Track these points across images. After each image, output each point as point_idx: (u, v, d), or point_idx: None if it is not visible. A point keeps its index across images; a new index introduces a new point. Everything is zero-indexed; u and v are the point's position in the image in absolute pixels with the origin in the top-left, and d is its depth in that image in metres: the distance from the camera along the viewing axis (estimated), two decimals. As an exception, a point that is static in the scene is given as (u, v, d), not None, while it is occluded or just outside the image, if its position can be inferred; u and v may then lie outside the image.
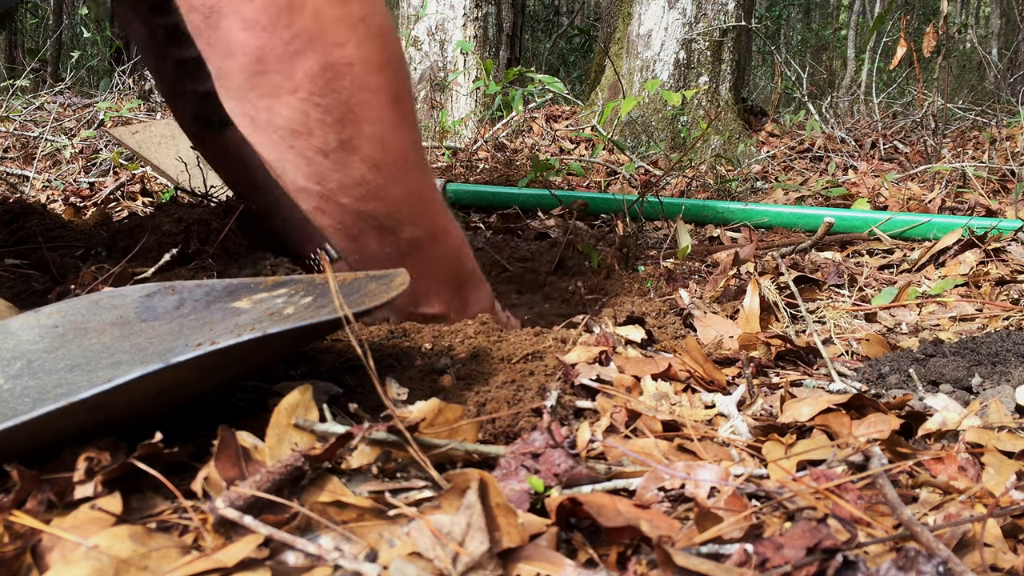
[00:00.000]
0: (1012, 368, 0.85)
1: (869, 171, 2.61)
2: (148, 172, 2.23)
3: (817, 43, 9.37)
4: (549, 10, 8.31)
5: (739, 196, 2.30)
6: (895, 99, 4.43)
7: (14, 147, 2.72)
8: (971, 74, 6.58)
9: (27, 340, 0.74)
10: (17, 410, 0.64)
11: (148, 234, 1.20)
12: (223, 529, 0.48)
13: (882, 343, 1.02)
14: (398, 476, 0.57)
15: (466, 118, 3.31)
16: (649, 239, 1.74)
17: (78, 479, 0.51)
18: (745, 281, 1.26)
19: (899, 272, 1.51)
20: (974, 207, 1.95)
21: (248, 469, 0.54)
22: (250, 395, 0.69)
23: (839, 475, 0.57)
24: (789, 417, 0.73)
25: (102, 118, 2.90)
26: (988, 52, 6.53)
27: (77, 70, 4.58)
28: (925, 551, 0.44)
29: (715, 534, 0.51)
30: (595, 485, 0.57)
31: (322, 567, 0.46)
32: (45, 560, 0.46)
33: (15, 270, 1.17)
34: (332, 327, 0.65)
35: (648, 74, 3.15)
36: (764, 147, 3.15)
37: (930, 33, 2.68)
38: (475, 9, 3.38)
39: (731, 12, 3.12)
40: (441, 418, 0.61)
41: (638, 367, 0.83)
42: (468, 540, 0.46)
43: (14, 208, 1.47)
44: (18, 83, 3.24)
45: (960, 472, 0.63)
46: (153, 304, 0.78)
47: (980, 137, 3.23)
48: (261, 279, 0.78)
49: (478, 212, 2.04)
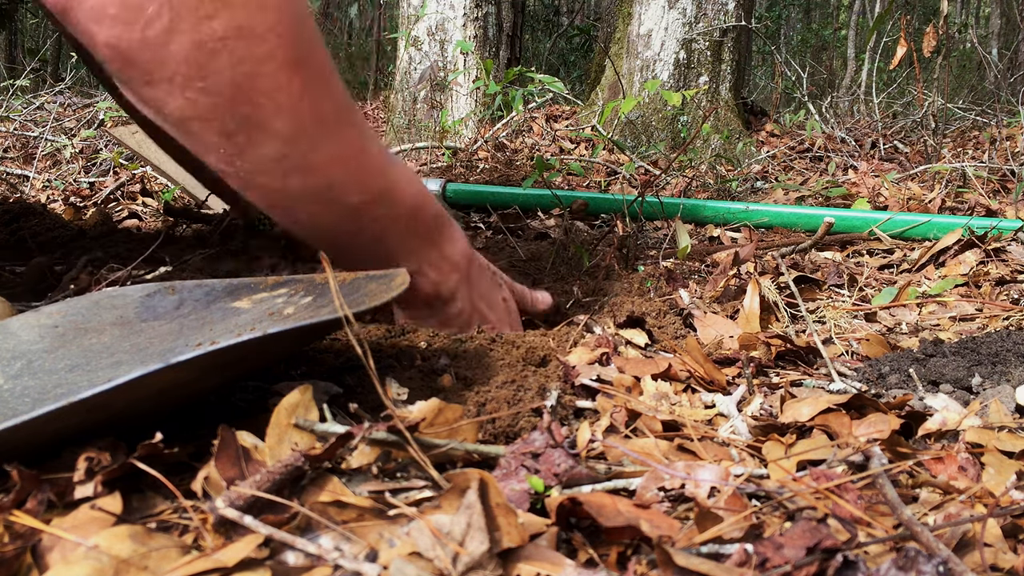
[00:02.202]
0: (1012, 368, 0.85)
1: (869, 171, 2.61)
2: (148, 172, 2.23)
3: (817, 43, 9.37)
4: (549, 10, 8.31)
5: (739, 196, 2.30)
6: (895, 99, 4.43)
7: (14, 147, 2.72)
8: (971, 74, 6.58)
9: (27, 340, 0.74)
10: (17, 410, 0.64)
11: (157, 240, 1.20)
12: (223, 529, 0.48)
13: (882, 343, 1.02)
14: (398, 476, 0.57)
15: (466, 118, 3.31)
16: (649, 239, 1.74)
17: (78, 479, 0.51)
18: (745, 281, 1.26)
19: (899, 272, 1.51)
20: (974, 207, 1.95)
21: (248, 469, 0.54)
22: (250, 395, 0.69)
23: (839, 475, 0.57)
24: (789, 417, 0.73)
25: (102, 118, 2.90)
26: (988, 52, 6.53)
27: (77, 70, 4.58)
28: (925, 551, 0.44)
29: (715, 534, 0.51)
30: (595, 485, 0.57)
31: (322, 567, 0.46)
32: (45, 560, 0.46)
33: (15, 271, 1.17)
34: (332, 327, 0.65)
35: (648, 74, 3.15)
36: (764, 147, 3.15)
37: (930, 33, 2.68)
38: (475, 9, 3.38)
39: (731, 12, 3.12)
40: (441, 418, 0.61)
41: (638, 367, 0.83)
42: (468, 540, 0.46)
43: (14, 208, 1.47)
44: (18, 83, 3.24)
45: (960, 472, 0.63)
46: (153, 304, 0.78)
47: (980, 137, 3.23)
48: (261, 279, 0.78)
49: (478, 212, 2.04)
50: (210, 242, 1.37)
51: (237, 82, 0.67)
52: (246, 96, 0.68)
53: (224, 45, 0.65)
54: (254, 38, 0.67)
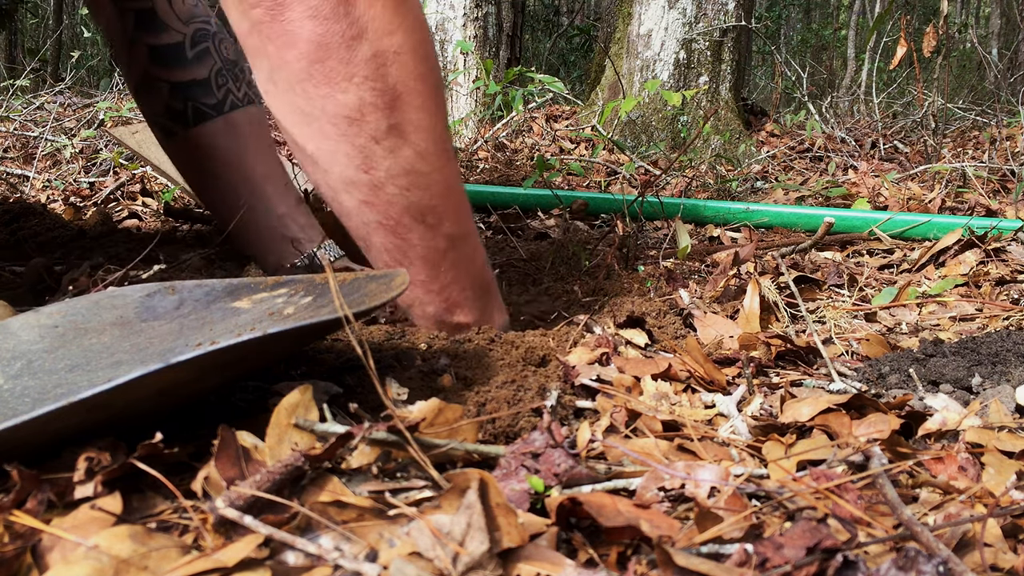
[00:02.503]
0: (1012, 368, 0.85)
1: (869, 171, 2.61)
2: (148, 172, 2.23)
3: (817, 43, 9.37)
4: (549, 10, 8.31)
5: (739, 196, 2.30)
6: (895, 99, 4.43)
7: (14, 147, 2.72)
8: (971, 74, 6.59)
9: (27, 340, 0.74)
10: (17, 410, 0.64)
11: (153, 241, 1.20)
12: (223, 529, 0.48)
13: (882, 343, 1.02)
14: (398, 476, 0.57)
15: (466, 118, 3.31)
16: (649, 239, 1.74)
17: (78, 479, 0.51)
18: (745, 281, 1.26)
19: (899, 272, 1.51)
20: (974, 207, 1.95)
21: (248, 469, 0.54)
22: (250, 395, 0.69)
23: (839, 475, 0.57)
24: (789, 417, 0.73)
25: (102, 118, 2.90)
26: (988, 52, 6.53)
27: (77, 70, 4.58)
28: (925, 551, 0.44)
29: (715, 534, 0.51)
30: (595, 485, 0.57)
31: (322, 567, 0.46)
32: (45, 560, 0.46)
33: (15, 271, 1.17)
34: (332, 327, 0.65)
35: (648, 74, 3.15)
36: (764, 147, 3.15)
37: (930, 33, 2.68)
38: (475, 9, 3.38)
39: (731, 12, 3.12)
40: (441, 418, 0.61)
41: (638, 367, 0.83)
42: (468, 540, 0.46)
43: (14, 208, 1.47)
44: (18, 83, 3.24)
45: (960, 472, 0.63)
46: (153, 304, 0.78)
47: (980, 137, 3.23)
48: (261, 279, 0.78)
49: (478, 212, 2.04)
50: (210, 242, 1.37)
51: (398, 91, 0.79)
52: (402, 105, 0.79)
53: (398, 58, 0.78)
54: (419, 58, 0.80)
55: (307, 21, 0.76)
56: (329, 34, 0.76)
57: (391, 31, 0.78)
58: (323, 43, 0.76)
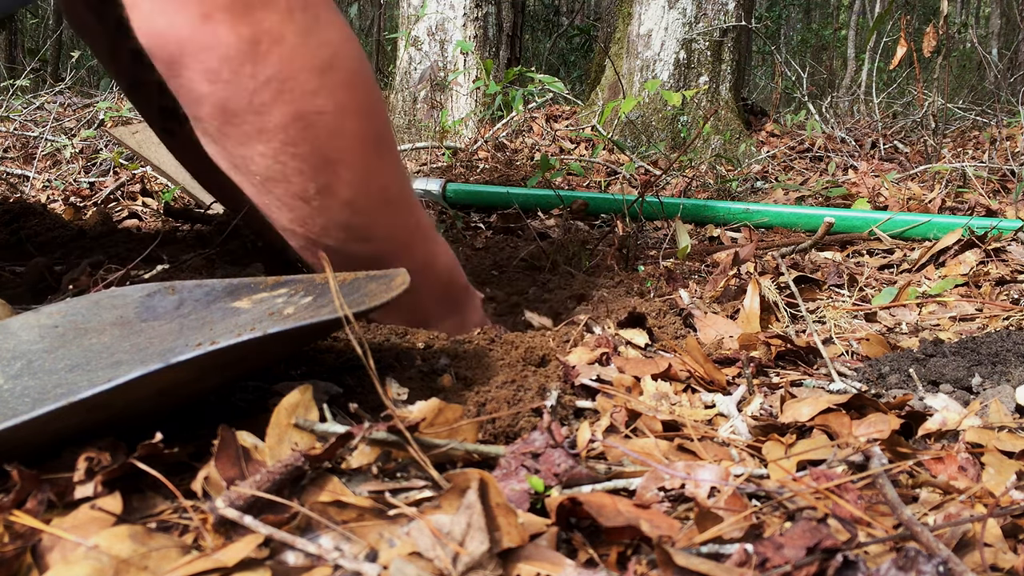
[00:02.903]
0: (1012, 368, 0.85)
1: (869, 171, 2.61)
2: (148, 172, 2.23)
3: (817, 43, 9.37)
4: (549, 10, 8.31)
5: (739, 196, 2.30)
6: (895, 99, 4.43)
7: (14, 147, 2.72)
8: (971, 74, 6.59)
9: (27, 340, 0.74)
10: (17, 410, 0.64)
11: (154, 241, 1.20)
12: (223, 529, 0.48)
13: (882, 343, 1.02)
14: (398, 476, 0.57)
15: (466, 118, 3.31)
16: (649, 239, 1.74)
17: (78, 479, 0.51)
18: (745, 281, 1.26)
19: (899, 272, 1.51)
20: (974, 207, 1.95)
21: (248, 469, 0.54)
22: (250, 395, 0.69)
23: (839, 475, 0.57)
24: (789, 417, 0.73)
25: (102, 118, 2.90)
26: (988, 52, 6.53)
27: (77, 70, 4.58)
28: (925, 551, 0.44)
29: (715, 534, 0.51)
30: (595, 485, 0.57)
31: (322, 567, 0.46)
32: (45, 560, 0.46)
33: (15, 271, 1.17)
34: (332, 327, 0.65)
35: (648, 74, 3.15)
36: (764, 147, 3.15)
37: (930, 33, 2.68)
38: (475, 9, 3.37)
39: (731, 12, 3.12)
40: (441, 418, 0.61)
41: (638, 367, 0.83)
42: (468, 540, 0.46)
43: (14, 208, 1.47)
44: (18, 83, 3.24)
45: (960, 472, 0.63)
46: (153, 304, 0.78)
47: (980, 137, 3.23)
48: (261, 279, 0.78)
49: (478, 212, 2.04)
50: (210, 242, 1.37)
51: (325, 152, 0.73)
52: (330, 166, 0.73)
53: (321, 119, 0.71)
54: (348, 115, 0.73)
55: (205, 84, 0.68)
56: (234, 99, 0.69)
57: (312, 91, 0.70)
58: (228, 108, 0.69)
